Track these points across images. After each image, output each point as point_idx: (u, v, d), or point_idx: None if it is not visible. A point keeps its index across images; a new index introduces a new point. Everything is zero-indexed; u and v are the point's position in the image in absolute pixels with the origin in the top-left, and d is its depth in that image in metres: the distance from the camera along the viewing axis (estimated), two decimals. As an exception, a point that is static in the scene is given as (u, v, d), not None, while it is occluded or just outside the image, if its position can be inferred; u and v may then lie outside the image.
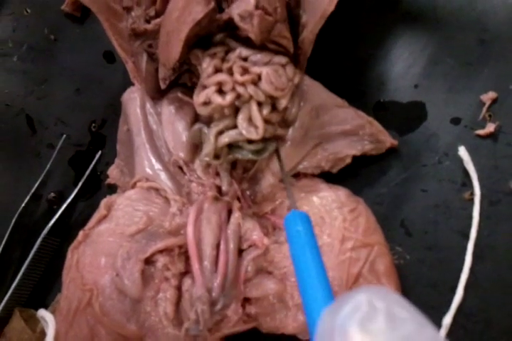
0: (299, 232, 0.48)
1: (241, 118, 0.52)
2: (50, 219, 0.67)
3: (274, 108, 0.54)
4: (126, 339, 0.53)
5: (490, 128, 0.56)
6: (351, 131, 0.58)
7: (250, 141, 0.54)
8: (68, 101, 0.77)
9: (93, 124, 0.74)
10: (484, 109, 0.57)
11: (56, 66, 0.79)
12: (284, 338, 0.54)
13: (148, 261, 0.53)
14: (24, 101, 0.80)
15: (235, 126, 0.53)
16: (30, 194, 0.71)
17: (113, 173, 0.65)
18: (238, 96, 0.52)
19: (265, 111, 0.52)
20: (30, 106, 0.80)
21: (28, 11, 0.83)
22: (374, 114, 0.61)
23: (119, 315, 0.52)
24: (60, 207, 0.69)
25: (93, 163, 0.71)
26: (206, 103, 0.53)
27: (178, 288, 0.54)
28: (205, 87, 0.53)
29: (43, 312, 0.55)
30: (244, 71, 0.51)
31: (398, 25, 0.64)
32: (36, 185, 0.72)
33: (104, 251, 0.54)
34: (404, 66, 0.62)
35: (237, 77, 0.51)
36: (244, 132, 0.52)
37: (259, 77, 0.51)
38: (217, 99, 0.51)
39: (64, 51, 0.79)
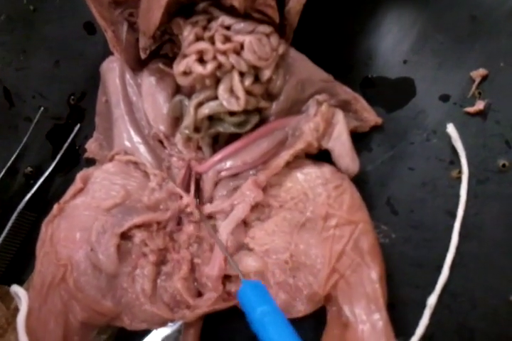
0: (265, 313, 0.42)
1: (222, 89, 0.51)
2: (27, 194, 0.66)
3: (257, 79, 0.52)
4: (101, 316, 0.52)
5: (479, 105, 0.56)
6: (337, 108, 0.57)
7: (232, 113, 0.52)
8: (47, 73, 0.75)
9: (72, 97, 0.73)
10: (474, 86, 0.57)
11: (35, 37, 0.77)
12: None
13: (125, 236, 0.52)
14: (1, 73, 0.78)
15: (216, 98, 0.51)
16: (6, 168, 0.70)
17: (91, 147, 0.63)
18: (219, 65, 0.50)
19: (247, 81, 0.51)
20: (8, 78, 0.77)
21: (6, -20, 0.81)
22: (361, 89, 0.61)
23: (94, 290, 0.51)
24: (37, 181, 0.67)
25: (71, 136, 0.70)
26: (186, 73, 0.51)
27: (156, 265, 0.53)
28: (185, 56, 0.51)
29: (15, 288, 0.53)
30: (227, 40, 0.50)
31: (388, 0, 0.62)
32: (12, 158, 0.71)
33: (80, 225, 0.52)
34: (393, 41, 0.61)
35: (219, 45, 0.49)
36: (225, 103, 0.50)
37: (242, 46, 0.50)
38: (198, 68, 0.50)
39: (43, 22, 0.77)
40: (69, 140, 0.70)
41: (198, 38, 0.50)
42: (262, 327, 0.41)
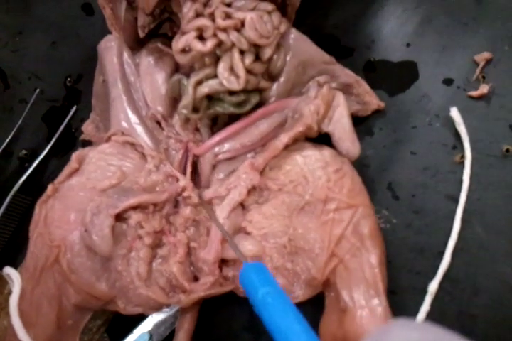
0: (267, 294, 0.41)
1: (222, 67, 0.49)
2: (21, 177, 0.66)
3: (257, 58, 0.51)
4: (95, 300, 0.51)
5: (483, 89, 0.55)
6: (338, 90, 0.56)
7: (231, 93, 0.51)
8: (43, 54, 0.75)
9: (68, 79, 0.72)
10: (478, 70, 0.56)
11: (32, 18, 0.77)
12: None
13: (121, 218, 0.51)
14: (-3, 54, 0.78)
15: (215, 76, 0.50)
16: (0, 151, 0.69)
17: (88, 129, 0.63)
18: (219, 43, 0.49)
19: (248, 60, 0.49)
20: (4, 59, 0.77)
21: (3, -40, 0.80)
22: (363, 73, 0.60)
23: (88, 273, 0.50)
24: (32, 164, 0.67)
25: (67, 118, 0.69)
26: (185, 50, 0.50)
27: (152, 247, 0.52)
28: (185, 33, 0.50)
29: (8, 270, 0.52)
30: (227, 16, 0.48)
31: (392, -19, 0.62)
32: (7, 141, 0.70)
33: (74, 206, 0.52)
34: (396, 24, 0.61)
35: (219, 21, 0.48)
36: (225, 82, 0.49)
37: (243, 23, 0.48)
38: (197, 46, 0.48)
39: (40, 2, 0.76)
40: (65, 122, 0.69)
41: (198, 15, 0.49)
42: (265, 308, 0.40)
